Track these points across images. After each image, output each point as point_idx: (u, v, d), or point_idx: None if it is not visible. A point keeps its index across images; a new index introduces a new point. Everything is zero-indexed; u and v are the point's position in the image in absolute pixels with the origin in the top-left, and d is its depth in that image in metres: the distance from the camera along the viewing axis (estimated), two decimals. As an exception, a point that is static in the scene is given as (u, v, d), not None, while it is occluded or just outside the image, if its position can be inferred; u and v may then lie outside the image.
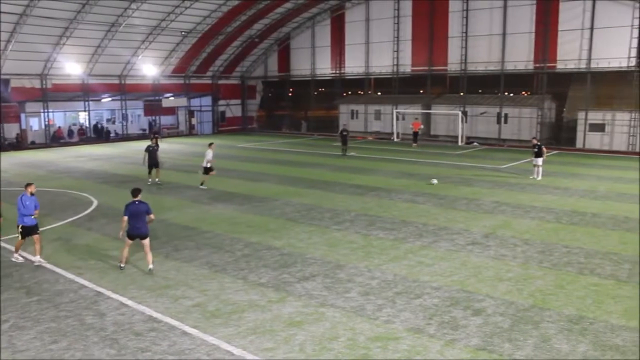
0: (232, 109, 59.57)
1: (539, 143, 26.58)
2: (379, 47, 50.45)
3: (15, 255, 14.12)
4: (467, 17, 44.72)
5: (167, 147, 42.80)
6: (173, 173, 28.90)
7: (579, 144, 40.84)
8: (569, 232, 16.89)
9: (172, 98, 53.11)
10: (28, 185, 14.14)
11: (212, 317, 10.48)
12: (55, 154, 38.71)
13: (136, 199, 13.21)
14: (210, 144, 24.81)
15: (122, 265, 13.33)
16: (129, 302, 11.21)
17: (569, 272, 13.08)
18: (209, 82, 56.71)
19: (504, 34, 43.26)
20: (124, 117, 50.73)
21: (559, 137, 43.53)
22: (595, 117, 40.35)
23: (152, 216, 13.37)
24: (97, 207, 20.52)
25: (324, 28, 54.20)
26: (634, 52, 38.22)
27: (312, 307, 10.96)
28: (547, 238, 16.10)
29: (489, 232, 16.75)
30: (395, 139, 47.22)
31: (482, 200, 21.63)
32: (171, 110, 54.96)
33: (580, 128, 41.04)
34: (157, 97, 51.50)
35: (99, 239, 16.16)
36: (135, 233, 13.07)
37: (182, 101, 53.74)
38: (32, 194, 13.95)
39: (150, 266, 13.04)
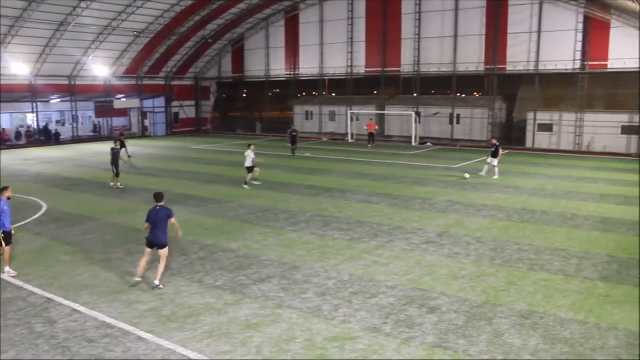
0: (186, 110, 58.89)
1: (497, 144, 27.12)
2: (333, 48, 50.70)
3: (7, 269, 13.00)
4: (419, 19, 45.36)
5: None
6: (124, 176, 28.37)
7: (528, 143, 41.96)
8: (520, 229, 17.33)
9: (124, 99, 52.18)
10: (4, 189, 13.21)
11: (167, 321, 10.36)
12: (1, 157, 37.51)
13: (158, 204, 12.35)
14: (249, 145, 25.63)
15: (137, 279, 12.22)
16: (81, 309, 10.98)
17: (520, 269, 13.43)
18: (162, 83, 55.94)
19: (455, 36, 44.06)
20: (74, 119, 49.57)
21: (510, 137, 44.59)
22: (544, 117, 41.55)
23: (173, 220, 12.35)
24: (46, 212, 20.00)
25: (278, 29, 54.15)
26: (578, 55, 39.48)
27: (268, 308, 10.96)
28: (499, 236, 16.49)
29: (443, 231, 17.04)
30: (350, 140, 47.54)
31: (435, 199, 21.98)
32: (123, 112, 54.00)
33: (529, 128, 42.19)
34: (108, 99, 50.51)
35: (49, 244, 15.76)
36: (153, 241, 12.13)
37: (135, 102, 52.88)
38: (8, 198, 13.13)
39: (157, 282, 12.02)
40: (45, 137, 47.96)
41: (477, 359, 8.92)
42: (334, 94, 56.71)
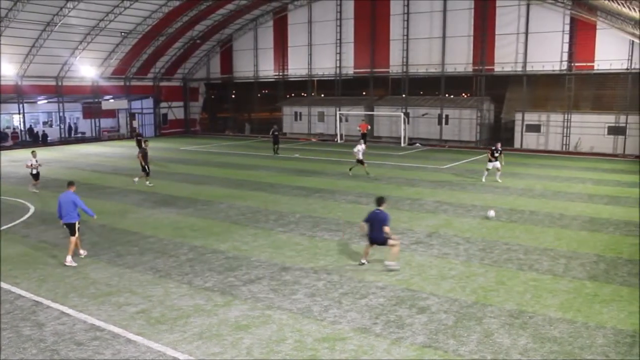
0: (175, 111, 58.69)
1: (500, 149, 26.05)
2: (321, 49, 50.73)
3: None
4: (407, 20, 45.49)
5: (108, 150, 41.92)
6: (114, 177, 28.28)
7: (516, 144, 42.19)
8: (509, 229, 17.42)
9: (112, 100, 51.91)
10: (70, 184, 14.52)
11: (157, 323, 10.32)
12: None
13: (379, 207, 13.41)
14: (360, 139, 27.99)
15: (363, 261, 13.75)
16: (70, 311, 10.91)
17: (509, 269, 13.50)
18: (151, 84, 55.69)
19: (443, 37, 44.22)
20: (62, 120, 49.25)
21: (498, 137, 44.63)
22: (532, 118, 41.82)
23: (387, 229, 13.19)
24: (34, 214, 19.87)
25: (267, 30, 54.10)
26: (565, 57, 39.78)
27: (258, 310, 10.94)
28: (488, 236, 16.56)
29: (432, 232, 17.10)
30: (339, 141, 47.57)
31: (424, 200, 22.04)
32: (111, 113, 53.73)
33: (517, 129, 42.44)
34: (96, 100, 50.23)
35: (37, 246, 15.65)
36: (373, 240, 13.34)
37: (123, 103, 52.63)
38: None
39: (390, 263, 13.38)
40: (31, 138, 47.58)
41: (467, 359, 8.95)
42: (322, 95, 56.78)
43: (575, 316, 10.60)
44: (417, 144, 44.41)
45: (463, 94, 50.72)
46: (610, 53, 38.18)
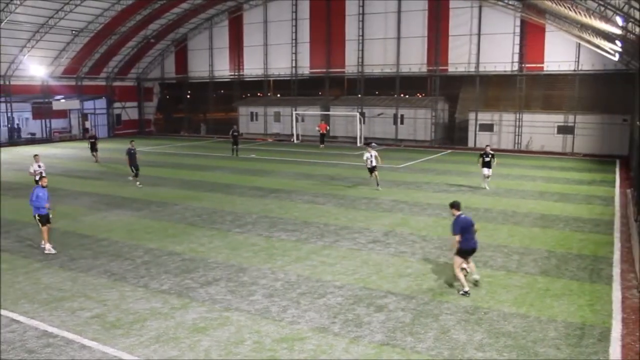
0: (129, 111, 57.66)
1: (492, 152, 24.14)
2: (277, 49, 50.64)
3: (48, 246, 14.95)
4: (363, 21, 45.81)
5: (59, 151, 40.92)
6: (65, 179, 27.61)
7: (470, 143, 42.97)
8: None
9: (63, 100, 50.62)
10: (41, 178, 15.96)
11: (112, 327, 10.12)
12: None
13: (460, 212, 12.12)
14: (369, 144, 26.16)
15: (466, 289, 11.78)
16: (21, 318, 10.60)
17: (463, 266, 13.71)
18: (103, 83, 54.56)
19: (398, 38, 44.70)
20: (9, 121, 47.76)
21: (452, 136, 45.58)
22: (485, 117, 42.64)
23: (475, 228, 12.17)
24: (-19, 217, 19.24)
25: (222, 29, 53.72)
26: (516, 58, 40.73)
27: (216, 312, 10.85)
28: (443, 234, 16.77)
29: (389, 230, 17.26)
30: (295, 141, 47.57)
31: (381, 199, 22.23)
32: (63, 114, 52.33)
33: (471, 128, 43.23)
34: (46, 100, 48.91)
35: (-15, 251, 15.16)
36: (474, 247, 12.06)
37: (75, 104, 51.40)
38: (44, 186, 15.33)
39: (475, 276, 12.28)
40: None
41: (424, 355, 9.07)
42: (278, 95, 56.69)
43: (528, 311, 10.86)
44: (373, 144, 44.55)
45: (418, 94, 51.39)
46: (558, 55, 39.30)
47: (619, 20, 21.89)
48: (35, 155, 22.63)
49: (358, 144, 44.37)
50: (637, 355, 9.13)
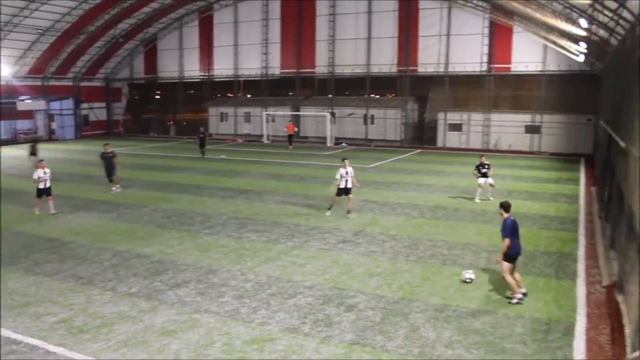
0: (96, 112, 56.79)
1: (488, 163, 22.40)
2: (247, 49, 50.47)
3: None
4: (334, 21, 45.92)
5: (24, 153, 40.08)
6: (29, 181, 27.03)
7: (439, 142, 43.39)
8: (433, 226, 17.89)
9: (28, 101, 49.63)
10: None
11: (79, 332, 9.96)
12: None
13: (509, 214, 11.54)
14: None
15: (519, 295, 11.35)
16: (-16, 323, 10.37)
17: (433, 264, 13.87)
18: (70, 84, 53.61)
19: (369, 38, 44.93)
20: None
21: (422, 136, 45.92)
22: (454, 117, 43.10)
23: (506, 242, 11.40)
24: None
25: (192, 29, 53.35)
26: (485, 58, 41.26)
27: (185, 314, 10.76)
28: (413, 233, 16.94)
29: (359, 230, 17.32)
30: (266, 141, 47.45)
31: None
32: (28, 114, 51.29)
33: (440, 128, 43.67)
34: (11, 100, 47.88)
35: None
36: (519, 252, 11.53)
37: (41, 104, 50.47)
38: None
39: (524, 290, 11.47)
40: None
41: (394, 354, 9.13)
42: (249, 95, 56.47)
43: (496, 308, 11.01)
44: (343, 144, 44.87)
45: (388, 94, 51.65)
46: (525, 55, 39.96)
47: (583, 22, 22.33)
48: (41, 160, 21.10)
49: (328, 144, 44.46)
50: (600, 348, 9.33)
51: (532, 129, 40.56)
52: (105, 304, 11.32)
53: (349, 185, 19.19)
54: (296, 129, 44.63)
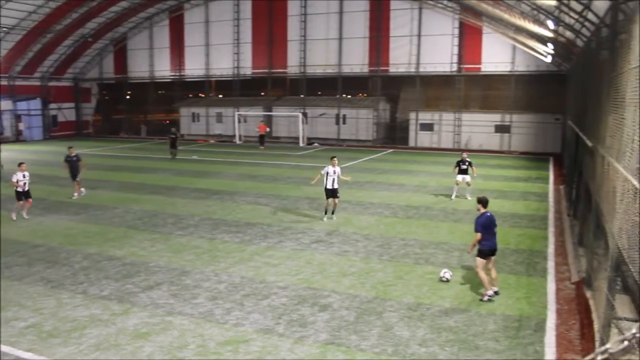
0: (65, 113, 55.86)
1: (469, 160, 22.53)
2: (219, 49, 50.24)
3: None
4: (305, 21, 45.94)
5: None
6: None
7: (411, 142, 43.70)
8: (405, 225, 18.01)
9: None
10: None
11: (49, 337, 9.80)
12: None
13: (486, 209, 11.94)
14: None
15: (493, 291, 11.59)
16: (-50, 329, 10.14)
17: (406, 263, 13.97)
18: (38, 83, 52.64)
19: (340, 39, 45.06)
20: None
21: (394, 136, 46.20)
22: (425, 117, 43.44)
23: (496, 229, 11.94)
24: None
25: (163, 29, 52.87)
26: (455, 59, 41.71)
27: (158, 316, 10.67)
28: (386, 232, 17.04)
29: (332, 230, 17.36)
30: (238, 142, 47.25)
31: (323, 199, 22.22)
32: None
33: (412, 128, 43.97)
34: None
35: None
36: (493, 248, 11.77)
37: (7, 104, 49.44)
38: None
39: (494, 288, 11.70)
40: None
41: (369, 353, 9.17)
42: (220, 96, 56.15)
43: (468, 306, 11.14)
44: (316, 144, 44.91)
45: (360, 94, 51.83)
46: (495, 56, 40.51)
47: (550, 24, 22.72)
48: (21, 163, 20.04)
49: (301, 144, 44.45)
50: (569, 343, 9.51)
51: (501, 129, 41.12)
52: (76, 307, 11.15)
53: (335, 186, 18.52)
54: (268, 129, 44.53)
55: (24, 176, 19.31)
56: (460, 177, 22.33)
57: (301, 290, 12.03)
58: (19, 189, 19.14)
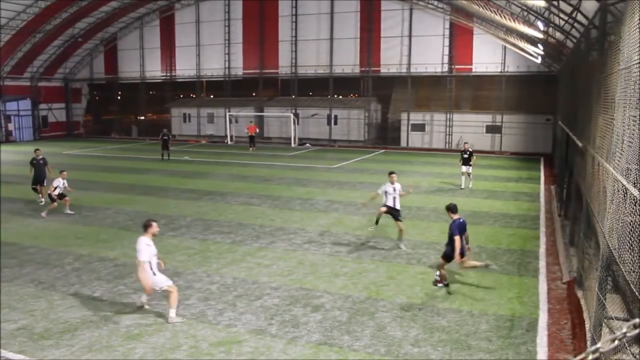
0: (55, 113, 55.57)
1: (470, 149, 24.85)
2: (210, 49, 50.15)
3: None
4: (296, 22, 45.95)
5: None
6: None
7: (403, 142, 43.78)
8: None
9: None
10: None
11: (40, 339, 9.74)
12: None
13: (458, 216, 12.19)
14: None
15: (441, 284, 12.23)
16: (-60, 331, 10.06)
17: (398, 263, 14.01)
18: (28, 84, 52.31)
19: (331, 39, 45.09)
20: None
21: (385, 136, 46.29)
22: (416, 118, 43.54)
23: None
24: None
25: (153, 29, 52.71)
26: (446, 59, 41.85)
27: (150, 317, 10.63)
28: (378, 232, 17.03)
29: (324, 230, 17.37)
30: (229, 142, 47.18)
31: (315, 199, 22.34)
32: (-18, 115, 50.00)
33: (403, 128, 44.05)
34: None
35: None
36: (461, 252, 11.78)
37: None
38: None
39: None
40: None
41: (361, 353, 9.19)
42: (212, 96, 56.08)
43: (460, 305, 11.18)
44: (307, 144, 44.93)
45: (351, 95, 51.91)
46: (485, 57, 40.71)
47: (540, 25, 22.83)
48: (62, 171, 20.16)
49: (292, 145, 44.45)
50: (561, 342, 9.56)
51: (492, 129, 41.29)
52: (67, 309, 11.10)
53: (397, 206, 15.60)
54: (257, 130, 44.38)
55: (63, 183, 19.67)
56: (464, 168, 24.53)
57: (293, 291, 12.04)
58: (55, 194, 19.46)
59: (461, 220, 12.10)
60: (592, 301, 9.00)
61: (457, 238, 11.66)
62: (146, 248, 10.41)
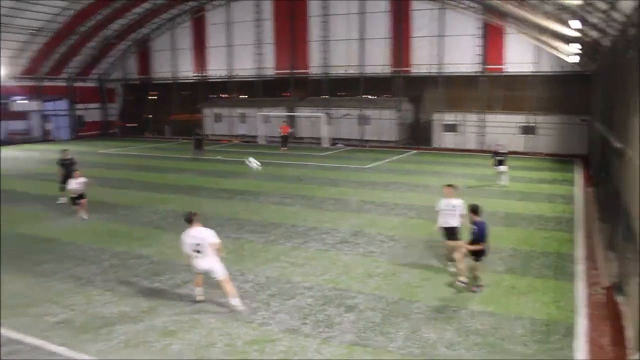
0: (92, 113, 56.51)
1: (504, 151, 25.78)
2: (241, 49, 50.43)
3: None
4: (326, 22, 45.98)
5: (20, 154, 40.07)
6: (26, 182, 26.99)
7: (435, 143, 43.44)
8: (430, 227, 17.78)
9: (22, 101, 49.31)
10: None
11: (80, 333, 9.96)
12: None
13: (479, 218, 12.26)
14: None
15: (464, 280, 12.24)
16: (-16, 325, 10.34)
17: (432, 265, 13.92)
18: (64, 84, 53.28)
19: (361, 39, 44.99)
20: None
21: (417, 137, 45.95)
22: (448, 118, 43.16)
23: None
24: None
25: (185, 30, 53.22)
26: (477, 59, 41.42)
27: (186, 314, 10.78)
28: (411, 233, 16.99)
29: (357, 231, 17.36)
30: (261, 142, 47.42)
31: (348, 199, 22.33)
32: (22, 115, 51.01)
33: (435, 129, 43.70)
34: (4, 101, 47.56)
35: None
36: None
37: (35, 105, 50.16)
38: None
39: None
40: None
41: (395, 355, 9.17)
42: (245, 96, 56.36)
43: (495, 308, 11.07)
44: (340, 145, 44.91)
45: (382, 95, 51.69)
46: (518, 56, 40.13)
47: (574, 23, 22.44)
48: (76, 170, 20.33)
49: (324, 145, 44.48)
50: (601, 349, 9.39)
51: (526, 130, 40.69)
52: (105, 304, 11.32)
53: (454, 224, 13.57)
54: (290, 130, 44.55)
55: (79, 184, 19.25)
56: (501, 168, 25.41)
57: (327, 291, 12.06)
58: (74, 195, 19.31)
59: (485, 222, 12.20)
60: (633, 308, 8.83)
61: (481, 245, 11.93)
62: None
